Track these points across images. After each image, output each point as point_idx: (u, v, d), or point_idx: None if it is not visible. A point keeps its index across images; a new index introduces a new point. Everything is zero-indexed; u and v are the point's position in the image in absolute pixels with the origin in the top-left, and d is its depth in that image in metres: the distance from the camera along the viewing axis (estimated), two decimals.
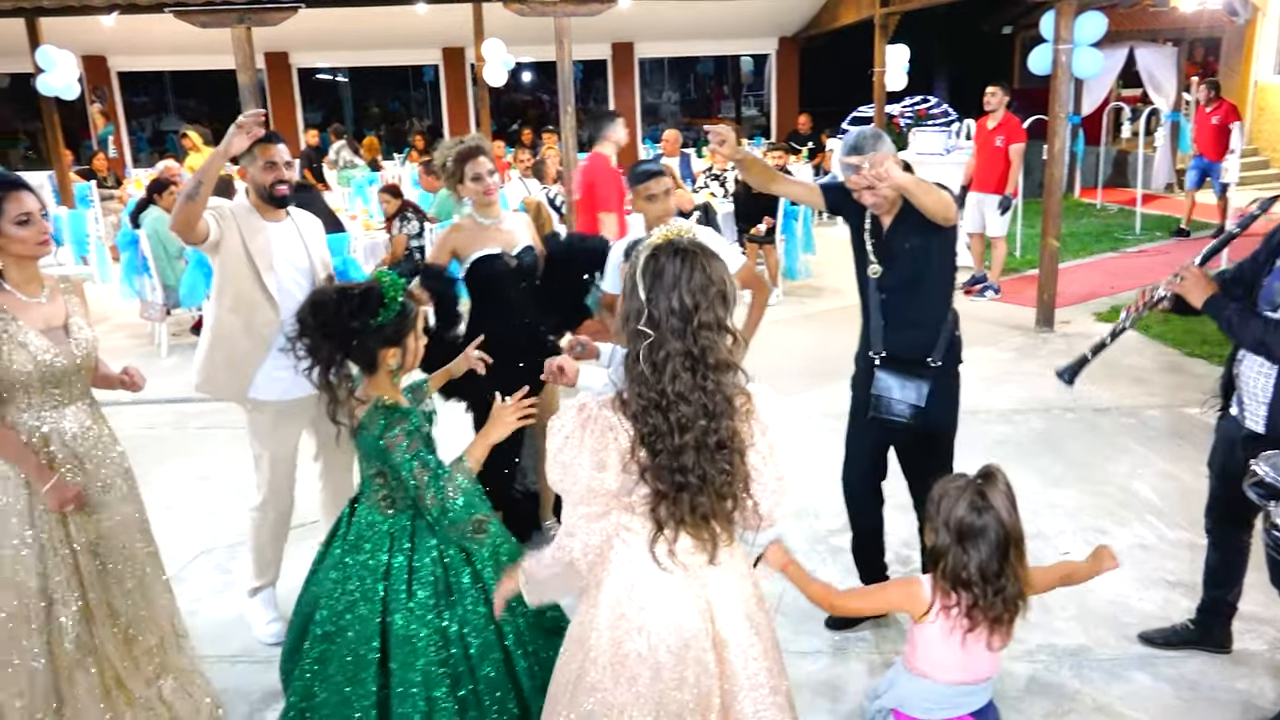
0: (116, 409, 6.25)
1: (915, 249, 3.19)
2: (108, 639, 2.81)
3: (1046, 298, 7.43)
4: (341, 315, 2.43)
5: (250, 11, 6.91)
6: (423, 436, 2.50)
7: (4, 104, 17.20)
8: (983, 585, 2.24)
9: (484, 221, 3.94)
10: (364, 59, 16.56)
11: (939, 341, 3.25)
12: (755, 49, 17.04)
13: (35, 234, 2.64)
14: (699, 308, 1.92)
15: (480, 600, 2.53)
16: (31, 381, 2.64)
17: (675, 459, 1.93)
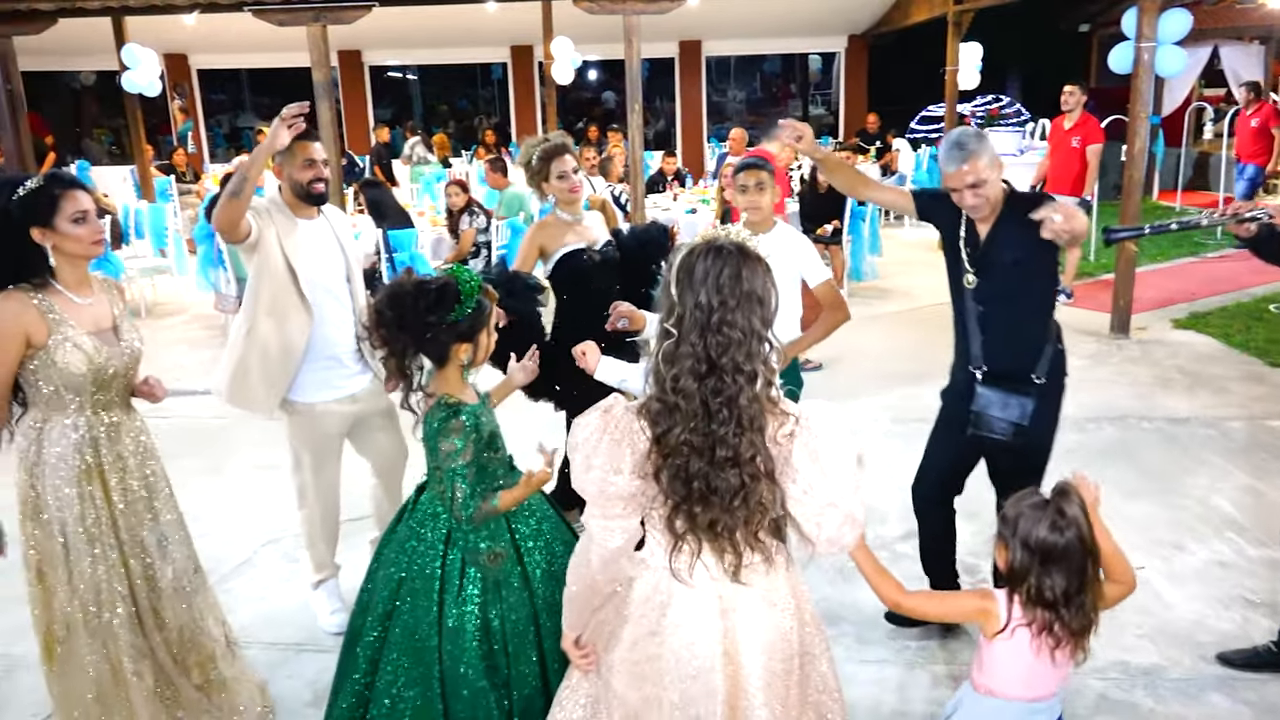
0: (191, 399, 6.47)
1: (1017, 260, 3.04)
2: (159, 645, 2.81)
3: (1122, 303, 7.22)
4: (418, 309, 2.44)
5: (326, 10, 7.04)
6: (481, 438, 2.52)
7: (91, 100, 17.80)
8: (1065, 604, 2.20)
9: (567, 218, 3.99)
10: (434, 57, 16.78)
11: (1042, 357, 3.14)
12: (824, 47, 16.85)
13: (90, 232, 2.61)
14: (723, 305, 1.82)
15: (525, 600, 2.54)
16: (84, 384, 2.63)
17: (684, 466, 1.86)
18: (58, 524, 2.64)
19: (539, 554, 2.60)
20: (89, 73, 16.62)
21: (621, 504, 1.91)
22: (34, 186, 2.56)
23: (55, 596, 2.67)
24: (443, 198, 10.36)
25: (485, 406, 2.61)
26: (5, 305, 2.54)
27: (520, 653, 2.51)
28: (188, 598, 2.90)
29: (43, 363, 2.57)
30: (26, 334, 2.53)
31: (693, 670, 1.96)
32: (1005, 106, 15.05)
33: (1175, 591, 3.81)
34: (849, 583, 3.93)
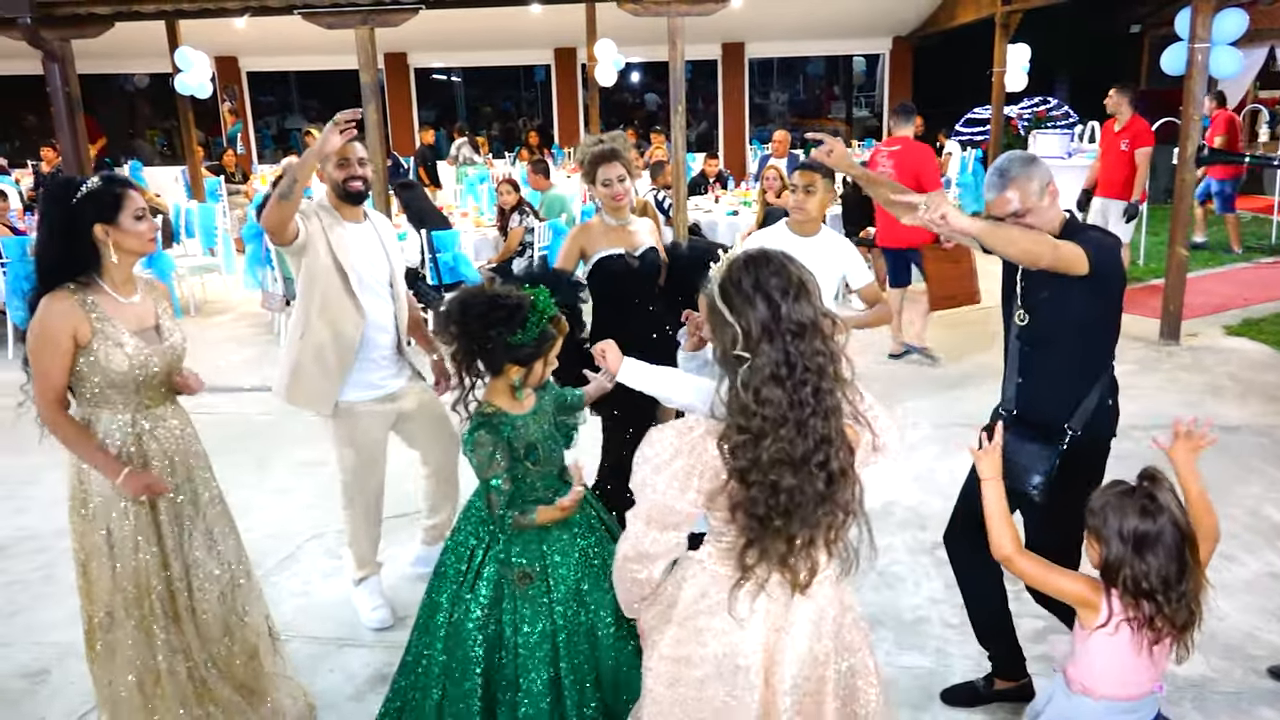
0: (237, 395, 6.58)
1: (1052, 298, 2.77)
2: (193, 641, 2.83)
3: (1172, 309, 7.08)
4: (484, 322, 2.50)
5: (373, 13, 7.13)
6: (515, 450, 2.54)
7: (144, 102, 18.17)
8: (1165, 592, 2.15)
9: (611, 222, 3.98)
10: (478, 59, 16.91)
11: (1079, 408, 2.79)
12: (868, 49, 16.74)
13: (149, 229, 2.68)
14: (784, 299, 1.82)
15: (544, 615, 2.54)
16: (127, 382, 2.66)
17: (770, 492, 1.83)
18: (102, 518, 2.69)
19: (567, 570, 2.59)
20: (142, 75, 16.97)
21: (675, 523, 1.92)
22: (98, 185, 2.63)
23: (98, 588, 2.73)
24: (486, 199, 10.46)
25: (533, 418, 2.61)
26: (53, 306, 2.59)
27: (531, 667, 2.52)
28: (232, 592, 2.93)
29: (87, 361, 2.61)
30: (74, 332, 2.58)
31: (731, 677, 1.97)
32: (1053, 109, 14.84)
33: (1226, 603, 3.72)
34: (891, 589, 3.90)
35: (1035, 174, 2.75)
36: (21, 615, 3.92)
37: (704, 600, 1.98)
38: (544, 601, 2.55)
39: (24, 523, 4.79)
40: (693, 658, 1.98)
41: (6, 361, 7.75)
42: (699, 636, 1.98)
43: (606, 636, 2.60)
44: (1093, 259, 2.62)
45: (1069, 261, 2.62)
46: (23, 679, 3.49)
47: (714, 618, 1.97)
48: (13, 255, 7.63)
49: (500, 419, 2.54)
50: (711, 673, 1.97)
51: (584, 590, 2.58)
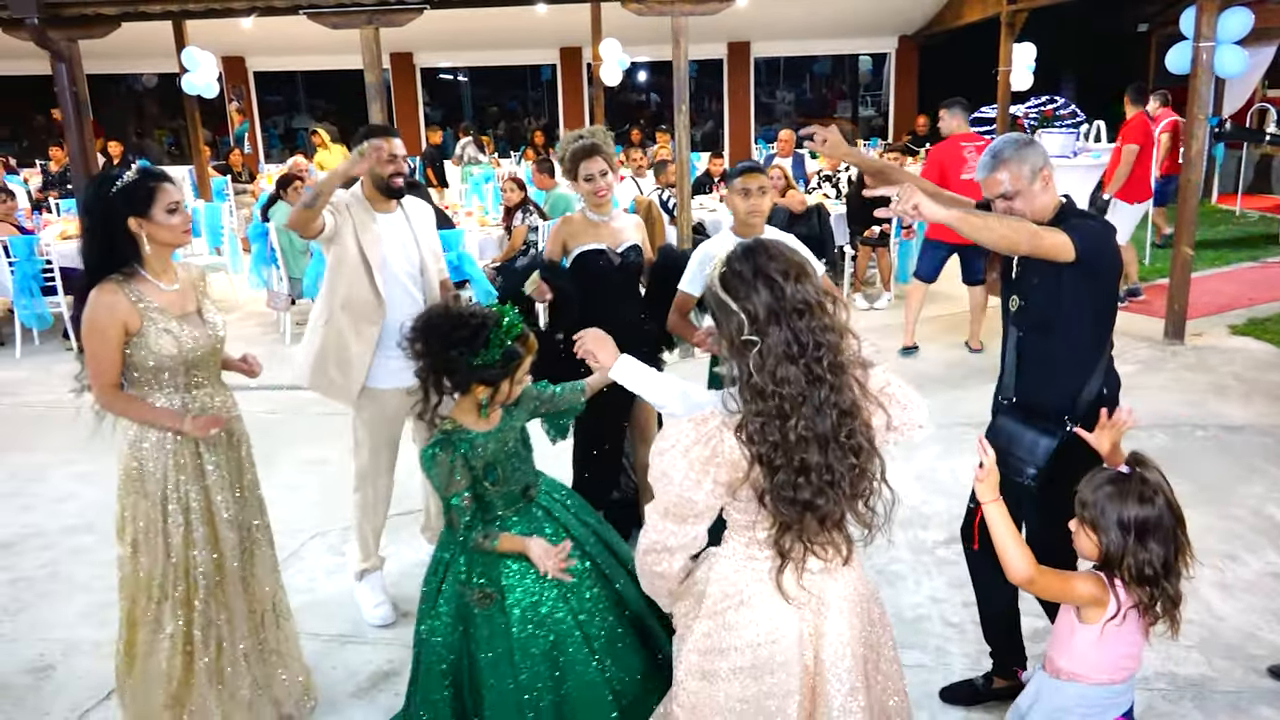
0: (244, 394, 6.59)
1: (1043, 284, 2.78)
2: (223, 618, 2.93)
3: (1177, 308, 7.06)
4: (446, 343, 2.45)
5: (378, 13, 7.16)
6: (474, 469, 2.51)
7: (152, 102, 18.23)
8: (1167, 576, 2.16)
9: (594, 218, 3.98)
10: (484, 59, 16.94)
11: (1079, 399, 2.77)
12: (874, 48, 16.71)
13: (182, 222, 2.76)
14: (786, 280, 1.86)
15: (502, 636, 2.52)
16: (176, 365, 2.77)
17: (798, 472, 1.85)
18: (158, 496, 2.80)
19: (523, 593, 2.54)
20: (151, 75, 17.03)
21: (694, 515, 1.94)
22: (132, 179, 2.70)
23: (146, 564, 2.82)
24: (491, 198, 10.48)
25: (495, 436, 2.56)
26: (101, 298, 2.68)
27: (491, 690, 2.50)
28: (258, 568, 3.06)
29: (137, 348, 2.71)
30: (124, 323, 2.69)
31: (766, 666, 1.99)
32: (1060, 108, 14.79)
33: (1227, 603, 3.73)
34: (892, 587, 3.91)
35: (1029, 157, 2.75)
36: (27, 612, 3.95)
37: (732, 593, 2.00)
38: (501, 621, 2.51)
39: (30, 520, 4.82)
40: (725, 649, 2.01)
41: (14, 361, 7.80)
42: (729, 629, 2.01)
43: (574, 659, 2.52)
44: (1079, 246, 2.62)
45: (1051, 248, 2.63)
46: (28, 674, 3.52)
47: (742, 610, 1.99)
48: (20, 254, 7.67)
49: (459, 436, 2.50)
50: (743, 664, 2.00)
51: (544, 613, 2.52)
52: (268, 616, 3.11)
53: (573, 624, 2.52)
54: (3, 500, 5.06)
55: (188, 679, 2.87)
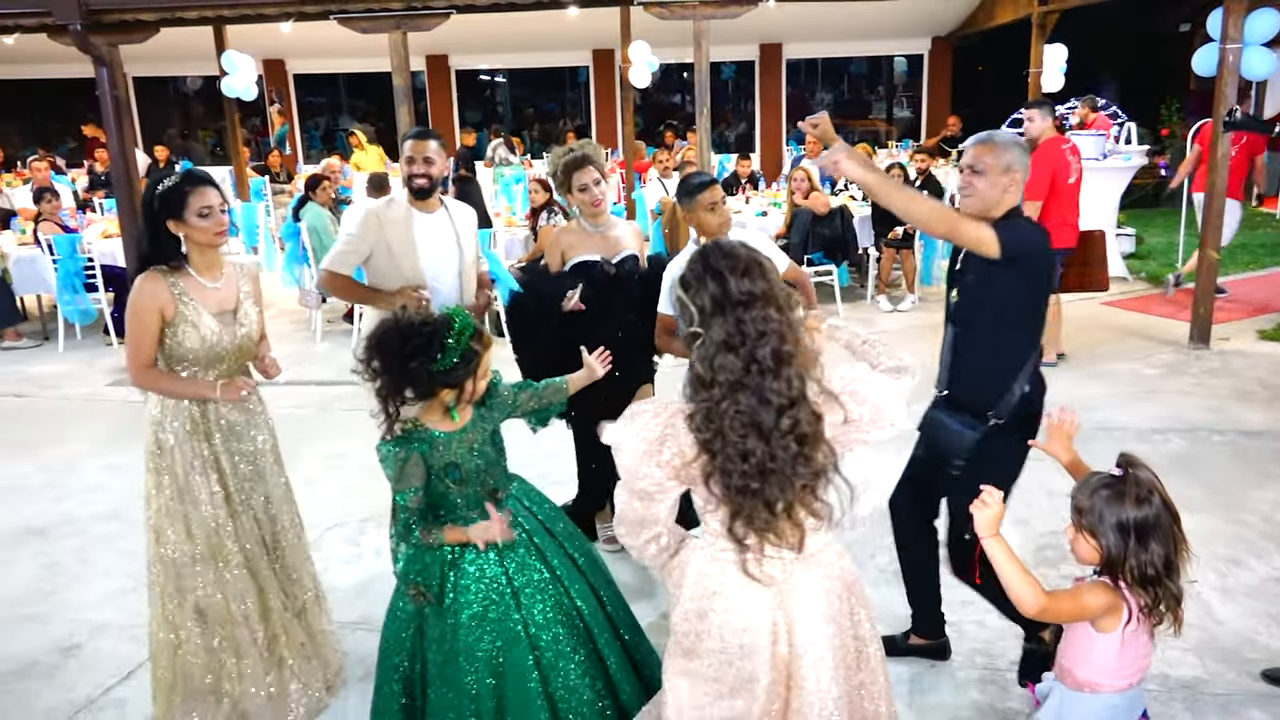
0: (271, 389, 6.78)
1: (977, 280, 2.89)
2: (270, 588, 3.12)
3: (1202, 312, 7.00)
4: (401, 355, 2.44)
5: (406, 17, 7.30)
6: (431, 466, 2.51)
7: (197, 104, 18.64)
8: (1168, 575, 2.16)
9: (589, 228, 4.02)
10: (519, 61, 17.11)
11: (1004, 396, 2.87)
12: (907, 49, 16.62)
13: (214, 225, 2.93)
14: (734, 277, 1.94)
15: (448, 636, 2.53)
16: (198, 358, 2.96)
17: (740, 458, 1.93)
18: (180, 474, 2.97)
19: (471, 598, 2.53)
20: (195, 78, 17.43)
21: (648, 492, 2.04)
22: (170, 183, 2.92)
23: (172, 539, 2.99)
24: (520, 199, 10.62)
25: (460, 436, 2.56)
26: (144, 285, 2.91)
27: (436, 691, 2.52)
28: (286, 553, 3.22)
29: (169, 336, 2.92)
30: (161, 309, 2.89)
31: (740, 653, 2.06)
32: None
33: (1227, 607, 3.73)
34: (889, 585, 3.94)
35: (1012, 156, 2.86)
36: (58, 594, 4.13)
37: (704, 580, 2.09)
38: (451, 623, 2.53)
39: (63, 509, 5.01)
40: (701, 633, 2.09)
41: (57, 355, 8.07)
42: (703, 617, 2.09)
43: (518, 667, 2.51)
44: (1004, 243, 2.73)
45: (972, 241, 2.75)
46: (56, 652, 3.68)
47: (715, 599, 2.07)
48: (63, 252, 7.94)
49: (420, 435, 2.51)
50: (716, 648, 2.08)
51: (490, 619, 2.51)
52: (309, 603, 3.30)
53: (521, 633, 2.51)
54: (38, 489, 5.26)
55: (223, 651, 3.03)
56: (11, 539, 4.69)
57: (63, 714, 3.32)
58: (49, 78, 15.45)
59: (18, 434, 6.15)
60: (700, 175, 3.89)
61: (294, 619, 3.21)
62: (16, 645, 3.74)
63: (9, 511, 5.00)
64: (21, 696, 3.42)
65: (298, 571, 3.26)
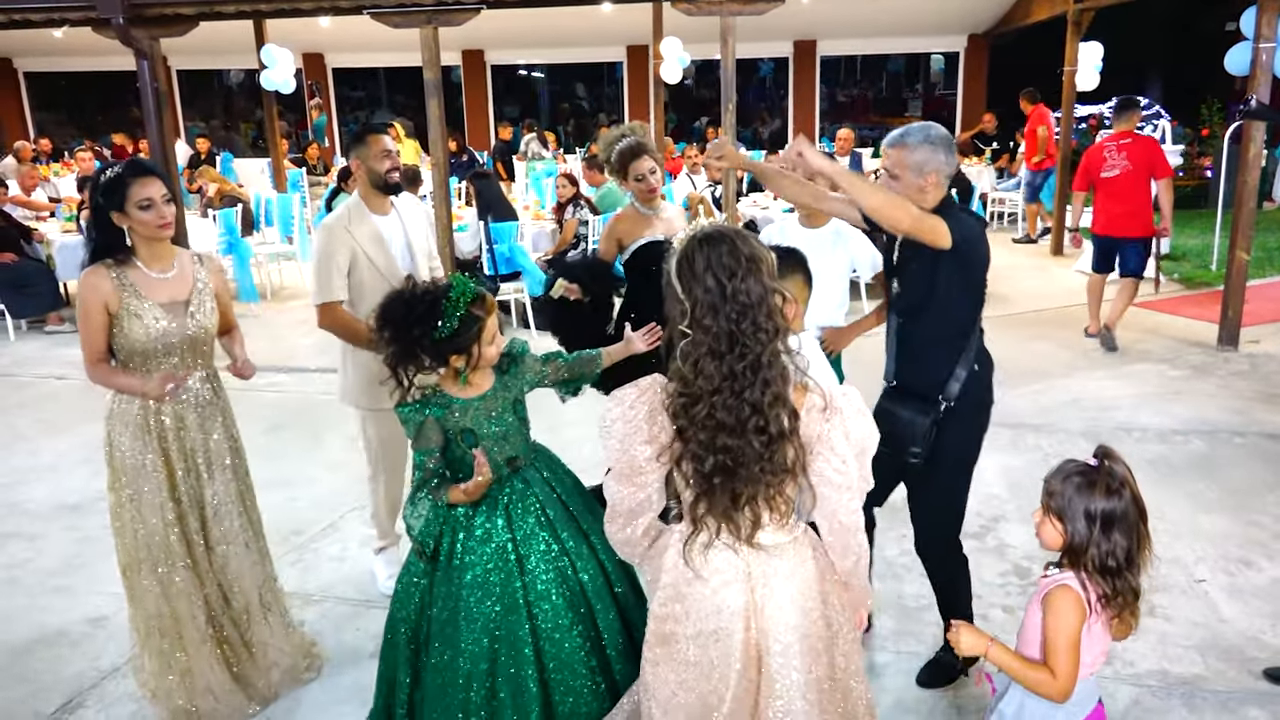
0: (303, 375, 6.93)
1: (921, 270, 2.91)
2: (212, 594, 3.11)
3: (1231, 314, 6.92)
4: (405, 324, 2.50)
5: (437, 13, 7.41)
6: (446, 430, 2.58)
7: (241, 96, 18.97)
8: (1128, 568, 2.20)
9: (645, 211, 4.16)
10: (554, 56, 17.21)
11: (950, 379, 2.95)
12: (943, 47, 16.49)
13: (154, 218, 2.87)
14: (731, 277, 1.94)
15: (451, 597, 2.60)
16: (147, 350, 2.93)
17: (708, 450, 1.97)
18: (127, 471, 2.98)
19: (477, 559, 2.59)
20: (238, 71, 17.75)
21: (638, 474, 2.09)
22: (112, 174, 2.90)
23: (125, 537, 3.03)
24: (550, 193, 10.72)
25: (479, 402, 2.61)
26: (87, 279, 2.91)
27: (440, 643, 2.59)
28: (231, 557, 3.15)
29: (115, 328, 2.92)
30: (105, 303, 2.88)
31: (713, 635, 2.11)
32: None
33: (1233, 606, 3.72)
34: (896, 579, 3.99)
35: (924, 154, 2.85)
36: (88, 567, 4.29)
37: (681, 566, 2.14)
38: (454, 586, 2.59)
39: (97, 486, 5.12)
40: (679, 617, 2.15)
41: None
42: (681, 600, 2.14)
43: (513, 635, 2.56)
44: (955, 234, 2.78)
45: (930, 233, 2.78)
46: (86, 623, 3.83)
47: (694, 584, 2.12)
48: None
49: (437, 399, 2.58)
50: (692, 632, 2.13)
51: (492, 583, 2.57)
52: (253, 609, 3.21)
53: (520, 601, 2.56)
54: (75, 466, 5.45)
55: (174, 644, 3.07)
56: (48, 514, 4.88)
57: (89, 680, 3.46)
58: (96, 70, 15.84)
59: (59, 414, 6.36)
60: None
61: (231, 625, 3.16)
62: (48, 615, 3.90)
63: (47, 488, 5.19)
64: (52, 662, 3.57)
65: (240, 577, 3.17)
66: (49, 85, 17.60)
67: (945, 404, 2.95)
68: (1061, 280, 9.32)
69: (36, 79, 17.25)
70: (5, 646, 3.68)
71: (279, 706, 3.28)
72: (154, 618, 3.05)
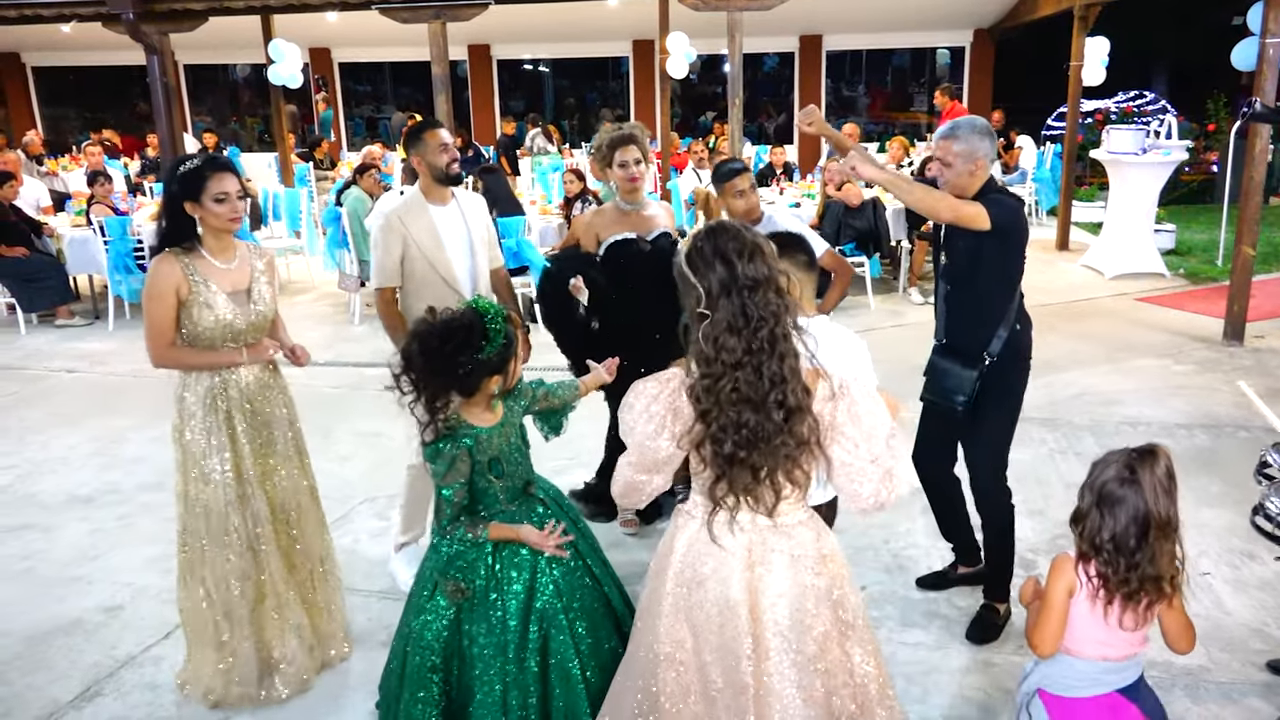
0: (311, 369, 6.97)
1: (967, 247, 3.31)
2: (274, 564, 3.22)
3: (1237, 309, 6.95)
4: (447, 353, 2.48)
5: (445, 8, 7.45)
6: (478, 462, 2.58)
7: (248, 91, 19.01)
8: (1114, 554, 2.24)
9: (625, 207, 4.15)
10: (559, 51, 17.22)
11: (994, 338, 3.35)
12: (948, 41, 16.47)
13: (228, 211, 3.03)
14: (741, 259, 2.05)
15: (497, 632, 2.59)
16: (214, 337, 3.07)
17: (733, 428, 2.04)
18: (196, 451, 3.10)
19: (520, 587, 2.61)
20: (244, 65, 17.78)
21: (658, 464, 2.16)
22: (191, 166, 3.02)
23: (191, 518, 3.13)
24: (556, 188, 10.76)
25: (499, 430, 2.62)
26: (159, 266, 3.03)
27: (485, 680, 2.57)
28: (305, 528, 3.34)
29: (184, 315, 3.04)
30: (176, 289, 3.01)
31: (719, 620, 2.17)
32: (1149, 103, 14.43)
33: (1237, 599, 3.75)
34: (904, 570, 4.03)
35: (975, 144, 3.25)
36: (103, 558, 4.34)
37: (694, 547, 2.20)
38: (498, 616, 2.58)
39: (111, 478, 5.24)
40: (690, 592, 2.19)
41: (107, 333, 8.36)
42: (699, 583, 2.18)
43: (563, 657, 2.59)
44: (993, 216, 3.16)
45: (969, 218, 3.17)
46: (101, 612, 3.88)
47: (704, 564, 2.18)
48: (114, 234, 8.21)
49: (465, 430, 2.56)
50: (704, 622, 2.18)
51: (537, 608, 2.59)
52: (316, 573, 3.40)
53: (563, 621, 2.59)
54: (87, 459, 5.50)
55: (229, 619, 3.17)
56: (62, 506, 4.93)
57: (106, 669, 3.51)
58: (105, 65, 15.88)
59: (69, 407, 6.41)
60: (731, 163, 4.10)
61: (293, 594, 3.27)
62: (65, 605, 3.95)
63: (60, 480, 5.25)
64: (69, 651, 3.62)
65: (308, 543, 3.35)
66: (57, 80, 17.66)
67: (989, 359, 3.35)
68: (1066, 274, 9.34)
69: (44, 74, 17.32)
70: (23, 635, 3.73)
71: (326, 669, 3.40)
72: (204, 599, 3.15)
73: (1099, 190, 12.62)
